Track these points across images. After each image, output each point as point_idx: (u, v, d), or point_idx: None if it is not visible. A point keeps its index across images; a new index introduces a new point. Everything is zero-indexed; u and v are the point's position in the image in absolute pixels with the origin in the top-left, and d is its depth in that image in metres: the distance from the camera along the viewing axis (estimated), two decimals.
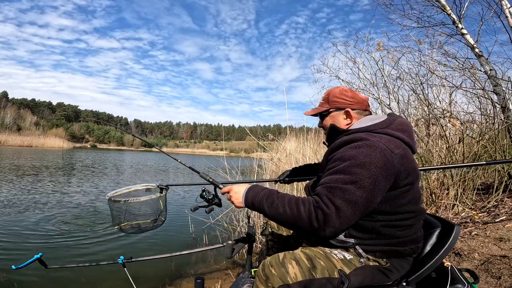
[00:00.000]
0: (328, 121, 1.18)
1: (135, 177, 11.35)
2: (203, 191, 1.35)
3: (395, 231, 0.97)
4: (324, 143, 1.29)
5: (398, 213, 0.96)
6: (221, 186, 1.26)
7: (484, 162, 2.23)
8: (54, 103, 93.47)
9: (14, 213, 4.68)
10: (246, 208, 1.05)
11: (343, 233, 0.99)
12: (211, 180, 1.37)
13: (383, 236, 0.97)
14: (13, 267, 1.86)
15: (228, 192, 1.11)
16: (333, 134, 1.13)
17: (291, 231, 1.40)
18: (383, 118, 1.07)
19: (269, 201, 0.95)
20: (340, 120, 1.15)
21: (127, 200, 1.99)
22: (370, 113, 1.18)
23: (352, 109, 1.12)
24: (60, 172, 11.04)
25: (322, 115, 1.20)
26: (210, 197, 1.33)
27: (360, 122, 1.09)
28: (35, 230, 3.93)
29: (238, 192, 1.05)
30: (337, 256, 0.98)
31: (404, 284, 0.98)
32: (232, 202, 1.07)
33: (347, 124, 1.13)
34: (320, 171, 1.11)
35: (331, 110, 1.17)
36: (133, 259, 2.08)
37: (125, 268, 2.00)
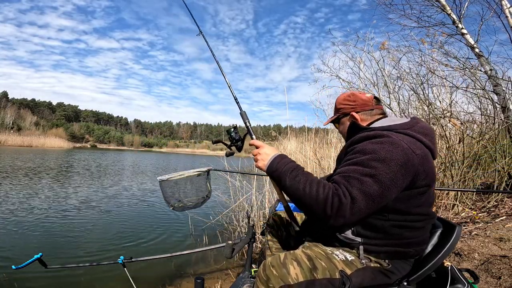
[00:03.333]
0: (340, 127, 1.25)
1: (136, 177, 11.34)
2: (234, 127, 1.27)
3: (403, 232, 0.97)
4: None
5: (411, 214, 0.95)
6: (254, 136, 1.21)
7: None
8: (54, 103, 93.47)
9: (14, 213, 4.68)
10: (245, 211, 1.03)
11: (350, 231, 0.98)
12: (248, 124, 1.27)
13: (390, 236, 0.97)
14: (13, 267, 1.86)
15: (257, 147, 1.08)
16: (352, 130, 1.13)
17: (291, 232, 1.39)
18: (405, 120, 1.06)
19: (293, 174, 0.94)
20: (347, 124, 1.19)
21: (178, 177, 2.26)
22: (382, 110, 1.18)
23: (357, 112, 1.15)
24: (60, 173, 11.04)
25: (335, 123, 1.28)
26: (236, 138, 1.26)
27: (382, 122, 1.10)
28: (35, 230, 3.93)
29: (267, 153, 1.03)
30: (338, 257, 0.97)
31: (405, 283, 0.98)
32: (255, 160, 1.06)
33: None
34: (337, 163, 1.13)
35: (340, 116, 1.23)
36: (133, 259, 2.08)
37: (125, 268, 2.00)
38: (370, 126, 1.09)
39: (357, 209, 0.83)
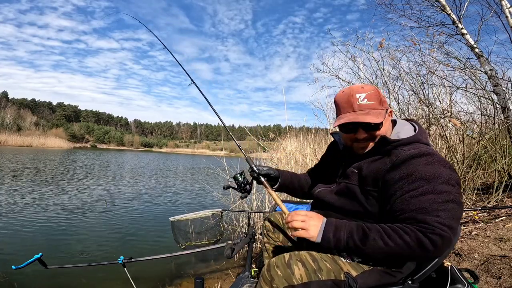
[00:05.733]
0: (384, 126, 1.03)
1: (136, 178, 11.34)
2: (241, 173, 1.27)
3: None
4: (343, 147, 1.19)
5: None
6: (286, 209, 1.12)
7: None
8: (54, 103, 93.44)
9: (14, 213, 4.68)
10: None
11: None
12: (256, 174, 1.23)
13: None
14: (13, 267, 1.86)
15: (297, 221, 0.96)
16: (382, 146, 1.02)
17: (288, 236, 1.37)
18: (413, 125, 1.08)
19: (359, 235, 0.89)
20: (388, 122, 1.06)
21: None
22: None
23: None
24: (60, 173, 11.03)
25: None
26: (244, 182, 1.25)
27: (402, 130, 1.05)
28: (35, 230, 3.93)
29: (315, 225, 0.94)
30: (344, 259, 0.96)
31: (410, 282, 0.98)
32: (297, 233, 0.95)
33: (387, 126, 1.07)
34: (365, 183, 1.01)
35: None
36: (133, 259, 2.08)
37: (125, 268, 2.00)
38: (399, 138, 1.01)
39: (455, 232, 0.85)
